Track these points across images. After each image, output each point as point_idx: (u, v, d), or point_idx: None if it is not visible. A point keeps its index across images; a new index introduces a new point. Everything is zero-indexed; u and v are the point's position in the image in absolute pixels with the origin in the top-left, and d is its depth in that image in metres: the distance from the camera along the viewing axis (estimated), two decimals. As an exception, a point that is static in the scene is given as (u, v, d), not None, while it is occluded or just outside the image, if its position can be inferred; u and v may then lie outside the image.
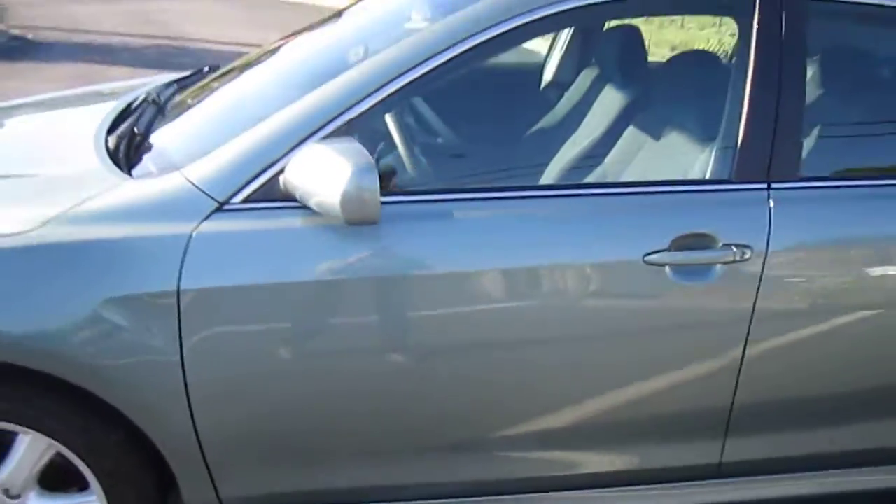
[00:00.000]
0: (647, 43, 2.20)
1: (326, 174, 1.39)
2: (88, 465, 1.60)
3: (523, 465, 1.79)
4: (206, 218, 1.49)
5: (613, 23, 2.21)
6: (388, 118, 1.74)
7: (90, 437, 1.58)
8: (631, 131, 1.85)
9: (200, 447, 1.58)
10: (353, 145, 1.42)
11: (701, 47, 2.83)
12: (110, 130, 1.91)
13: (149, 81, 2.51)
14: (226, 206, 1.51)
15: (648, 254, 1.59)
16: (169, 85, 2.33)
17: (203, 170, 1.53)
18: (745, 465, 1.86)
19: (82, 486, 1.66)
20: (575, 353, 1.67)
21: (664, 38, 3.68)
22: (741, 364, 1.71)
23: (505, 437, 1.74)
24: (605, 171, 1.81)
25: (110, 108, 2.11)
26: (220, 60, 2.87)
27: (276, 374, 1.57)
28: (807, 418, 1.82)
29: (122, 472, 1.62)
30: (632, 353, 1.71)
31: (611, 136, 1.86)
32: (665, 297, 1.65)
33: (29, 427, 1.55)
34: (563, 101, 2.06)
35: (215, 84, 2.20)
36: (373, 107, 1.55)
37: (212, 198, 1.51)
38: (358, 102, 1.54)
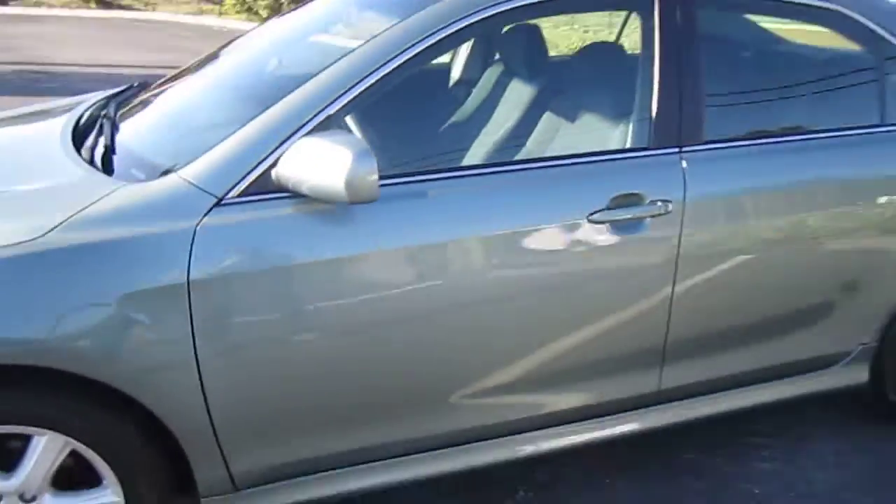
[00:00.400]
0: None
1: (325, 162, 1.56)
2: (105, 459, 1.68)
3: (492, 412, 2.02)
4: (207, 213, 1.63)
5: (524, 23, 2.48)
6: (359, 114, 1.91)
7: (106, 431, 1.67)
8: (563, 113, 2.13)
9: (213, 427, 1.71)
10: (348, 135, 1.61)
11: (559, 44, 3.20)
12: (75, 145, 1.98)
13: (81, 100, 2.55)
14: (224, 201, 1.65)
15: (594, 212, 1.88)
16: (109, 100, 2.39)
17: (199, 169, 1.67)
18: (680, 391, 2.19)
19: (92, 484, 1.74)
20: (536, 306, 1.93)
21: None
22: (671, 300, 2.03)
23: (480, 387, 1.96)
24: (547, 147, 2.07)
25: (59, 126, 2.17)
26: (92, 83, 2.91)
27: (280, 353, 1.72)
28: (726, 343, 2.18)
29: (136, 462, 1.72)
30: (578, 301, 1.98)
31: (550, 117, 2.13)
32: (607, 248, 1.94)
33: (47, 428, 1.61)
34: (503, 92, 2.31)
35: (158, 95, 2.31)
36: (346, 104, 1.74)
37: (211, 194, 1.64)
38: (333, 101, 1.73)
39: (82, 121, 2.21)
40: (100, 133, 2.02)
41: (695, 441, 2.47)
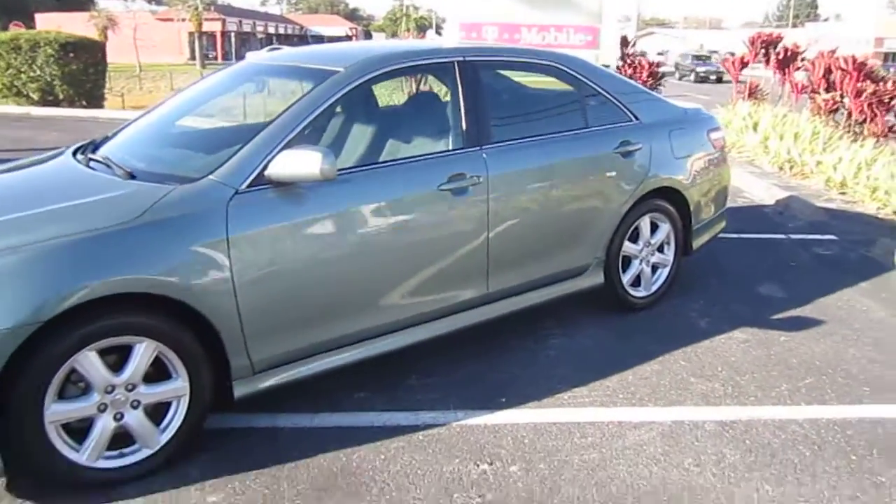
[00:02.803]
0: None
1: (304, 160, 2.80)
2: (179, 357, 2.73)
3: (393, 312, 3.26)
4: (231, 198, 2.79)
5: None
6: (302, 140, 3.11)
7: (180, 337, 2.72)
8: (418, 132, 3.54)
9: (242, 328, 2.82)
10: (312, 146, 2.87)
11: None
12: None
13: (46, 155, 3.57)
14: (239, 191, 2.81)
15: (440, 185, 3.28)
16: (85, 149, 3.46)
17: (224, 174, 2.82)
18: (500, 293, 3.63)
19: (163, 378, 2.76)
20: (412, 243, 3.25)
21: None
22: (488, 235, 3.47)
23: (385, 296, 3.23)
24: (411, 151, 3.43)
25: (71, 166, 3.20)
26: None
27: (278, 277, 2.88)
28: (524, 261, 3.66)
29: (197, 357, 2.77)
30: (435, 240, 3.34)
31: (410, 134, 3.53)
32: (450, 207, 3.33)
33: (146, 336, 2.64)
34: (381, 122, 3.67)
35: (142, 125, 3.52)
36: (297, 134, 2.99)
37: (232, 187, 2.81)
38: (291, 131, 2.97)
39: (85, 163, 3.23)
40: (111, 167, 3.07)
41: (511, 333, 3.93)
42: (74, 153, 3.49)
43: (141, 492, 2.66)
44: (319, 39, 67.03)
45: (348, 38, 67.33)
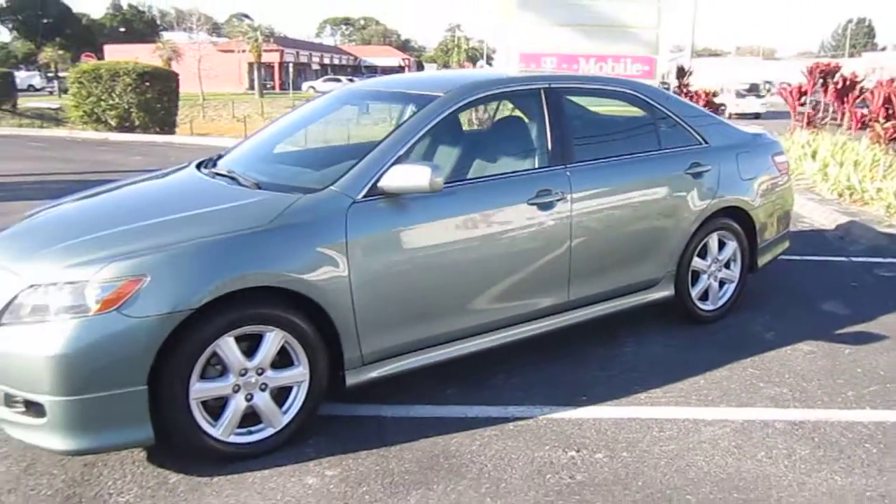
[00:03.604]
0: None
1: (414, 174, 3.16)
2: (302, 346, 3.09)
3: (486, 315, 3.59)
4: (350, 207, 3.16)
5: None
6: (414, 152, 3.49)
7: (303, 329, 3.08)
8: (507, 151, 3.89)
9: (356, 323, 3.17)
10: (420, 162, 3.23)
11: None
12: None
13: (171, 167, 4.01)
14: (356, 201, 3.19)
15: (529, 199, 3.61)
16: (207, 163, 3.88)
17: (343, 185, 3.20)
18: (580, 301, 3.93)
19: (286, 365, 3.12)
20: (504, 249, 3.58)
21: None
22: (570, 246, 3.78)
23: (478, 300, 3.55)
24: (503, 168, 3.78)
25: (196, 177, 3.63)
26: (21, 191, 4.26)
27: (387, 278, 3.23)
28: (602, 271, 3.96)
29: (316, 348, 3.13)
30: (523, 250, 3.66)
31: (500, 153, 3.88)
32: (537, 219, 3.66)
33: (275, 326, 3.01)
34: (475, 143, 4.04)
35: (255, 146, 3.87)
36: (405, 151, 3.36)
37: (350, 197, 3.18)
38: (401, 148, 3.35)
39: (211, 176, 3.66)
40: (237, 178, 3.49)
41: (586, 341, 4.21)
42: (198, 167, 3.93)
43: (266, 465, 3.01)
44: (373, 70, 68.62)
45: (401, 68, 68.76)
